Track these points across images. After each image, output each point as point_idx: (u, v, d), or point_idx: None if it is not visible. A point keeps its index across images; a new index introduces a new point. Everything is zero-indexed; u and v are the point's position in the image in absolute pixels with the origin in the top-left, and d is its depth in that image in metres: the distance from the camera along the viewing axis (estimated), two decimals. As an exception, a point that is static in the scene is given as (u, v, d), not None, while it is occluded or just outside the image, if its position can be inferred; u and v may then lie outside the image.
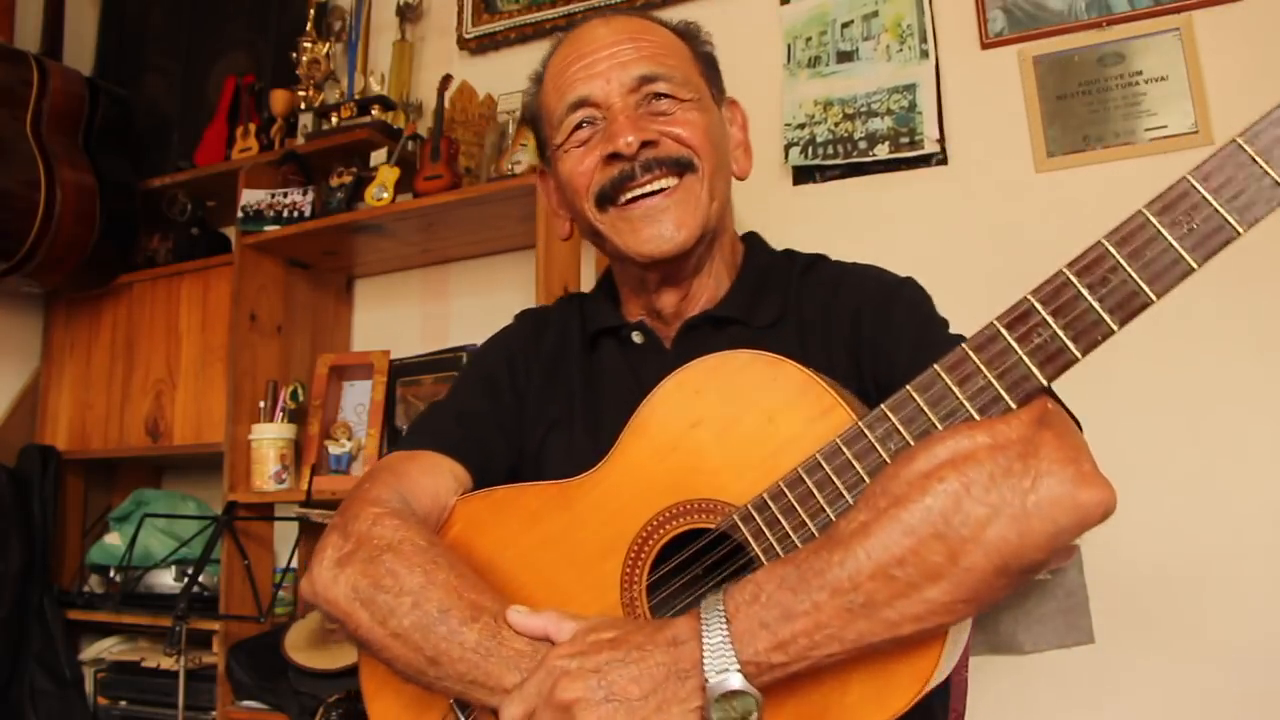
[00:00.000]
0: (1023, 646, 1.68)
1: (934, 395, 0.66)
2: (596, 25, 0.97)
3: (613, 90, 0.91)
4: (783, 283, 0.97)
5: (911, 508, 0.63)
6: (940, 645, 0.66)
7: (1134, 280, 0.61)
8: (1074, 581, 1.67)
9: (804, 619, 0.64)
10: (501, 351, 1.05)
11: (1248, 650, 1.57)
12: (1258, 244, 1.73)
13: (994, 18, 1.90)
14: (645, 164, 0.89)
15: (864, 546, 0.64)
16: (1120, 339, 1.94)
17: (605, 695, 0.66)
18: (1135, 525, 1.67)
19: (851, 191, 1.97)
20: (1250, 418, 1.63)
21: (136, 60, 2.66)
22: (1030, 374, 0.64)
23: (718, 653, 0.64)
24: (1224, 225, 0.58)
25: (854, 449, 0.69)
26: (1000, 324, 0.65)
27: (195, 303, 2.27)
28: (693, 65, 0.97)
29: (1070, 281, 0.63)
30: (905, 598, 0.63)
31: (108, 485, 2.51)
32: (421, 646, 0.76)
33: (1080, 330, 0.63)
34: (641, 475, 0.80)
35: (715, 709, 0.64)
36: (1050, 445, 0.64)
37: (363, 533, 0.84)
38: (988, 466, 0.63)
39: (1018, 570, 0.64)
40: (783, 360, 0.77)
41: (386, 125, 2.15)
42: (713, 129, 0.94)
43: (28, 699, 2.12)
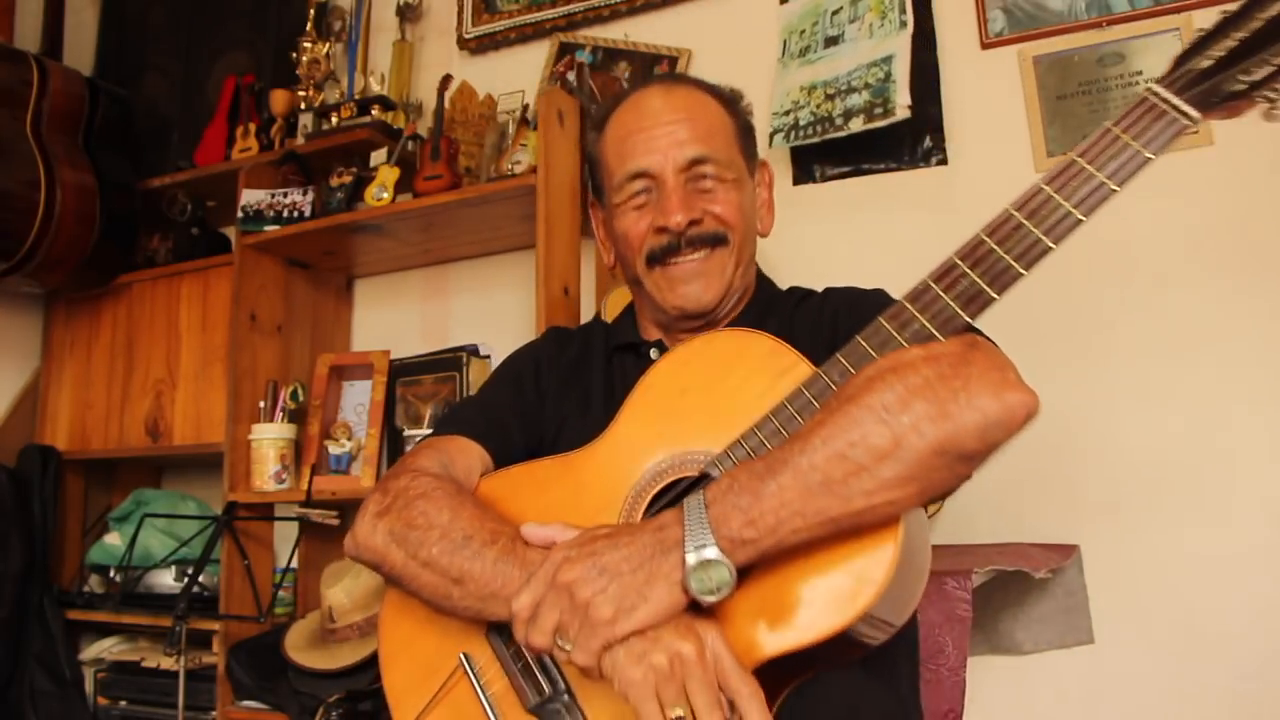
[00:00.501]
0: (1022, 646, 1.68)
1: (879, 339, 0.80)
2: (656, 95, 1.12)
3: (668, 167, 1.06)
4: (782, 311, 1.11)
5: (859, 401, 0.74)
6: (892, 550, 0.74)
7: (1034, 233, 0.76)
8: (1074, 581, 1.67)
9: (771, 498, 0.74)
10: (529, 355, 1.19)
11: (1247, 650, 1.57)
12: (1258, 244, 1.74)
13: (994, 18, 1.90)
14: (689, 239, 1.05)
15: (819, 435, 0.74)
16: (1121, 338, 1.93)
17: (599, 571, 0.76)
18: (1135, 525, 1.68)
19: (851, 191, 1.97)
20: (1250, 418, 1.63)
21: (136, 60, 2.66)
22: (956, 314, 0.78)
23: (696, 531, 0.74)
24: (1102, 185, 0.75)
25: (813, 389, 0.81)
26: (930, 279, 0.80)
27: (195, 303, 2.27)
28: (734, 142, 1.12)
29: (984, 240, 0.78)
30: (857, 475, 0.73)
31: (108, 485, 2.51)
32: (448, 569, 0.86)
33: (994, 276, 0.77)
34: (636, 439, 0.91)
35: (693, 576, 0.74)
36: (980, 358, 0.76)
37: (401, 488, 0.95)
38: (924, 370, 0.74)
39: (954, 454, 0.74)
40: (754, 331, 0.90)
41: (386, 125, 2.15)
42: (745, 204, 1.10)
43: (28, 699, 2.12)
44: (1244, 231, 1.68)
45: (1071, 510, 1.71)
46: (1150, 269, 1.73)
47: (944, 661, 1.31)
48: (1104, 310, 1.75)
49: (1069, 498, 1.72)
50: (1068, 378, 1.75)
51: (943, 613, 1.32)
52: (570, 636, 0.75)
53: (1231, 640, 1.58)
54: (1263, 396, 1.63)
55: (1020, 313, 1.79)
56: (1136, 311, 1.73)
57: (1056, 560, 1.55)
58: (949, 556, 1.54)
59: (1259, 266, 1.66)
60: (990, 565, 1.40)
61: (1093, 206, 0.75)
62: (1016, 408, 0.74)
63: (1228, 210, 1.69)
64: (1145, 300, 1.73)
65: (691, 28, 2.16)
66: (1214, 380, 1.66)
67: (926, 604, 1.32)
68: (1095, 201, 0.75)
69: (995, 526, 1.75)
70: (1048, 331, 1.77)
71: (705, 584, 0.74)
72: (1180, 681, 1.61)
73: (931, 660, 1.31)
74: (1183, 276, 1.71)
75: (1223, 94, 0.74)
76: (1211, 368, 1.67)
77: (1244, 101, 0.75)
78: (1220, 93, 0.74)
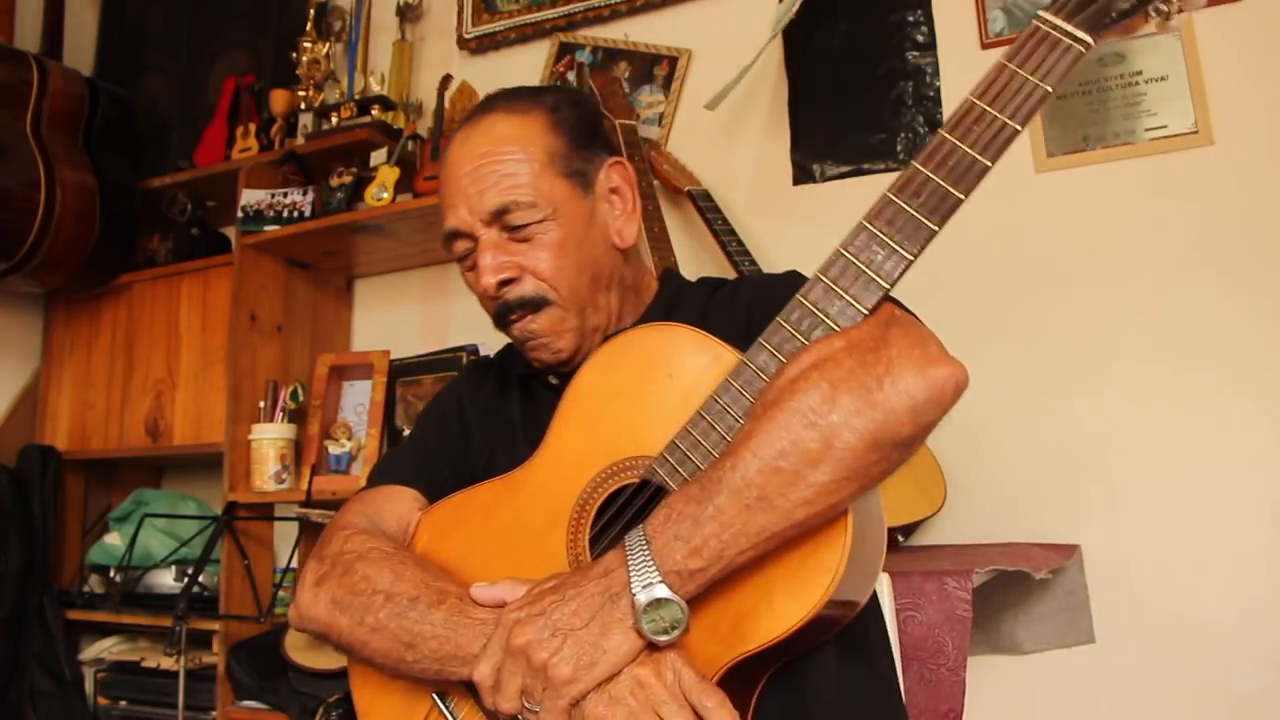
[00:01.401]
0: (1023, 646, 1.68)
1: (799, 318, 0.77)
2: (459, 138, 1.02)
3: (475, 223, 0.98)
4: (693, 305, 1.04)
5: (785, 406, 0.71)
6: (843, 542, 0.72)
7: (943, 186, 0.73)
8: (1074, 581, 1.67)
9: (711, 523, 0.71)
10: (451, 394, 1.16)
11: (1247, 650, 1.57)
12: (1258, 243, 1.73)
13: (994, 18, 1.90)
14: (509, 305, 0.98)
15: (749, 449, 0.71)
16: (1121, 338, 1.93)
17: (552, 631, 0.74)
18: (1135, 525, 1.68)
19: (851, 191, 1.97)
20: (1250, 417, 1.63)
21: (136, 60, 2.66)
22: (874, 280, 0.75)
23: (641, 570, 0.72)
24: (1005, 127, 0.72)
25: (740, 379, 0.78)
26: (842, 246, 0.77)
27: (195, 303, 2.27)
28: (545, 169, 0.98)
29: (893, 200, 0.75)
30: (794, 485, 0.70)
31: (108, 485, 2.51)
32: (397, 634, 0.84)
33: (908, 234, 0.74)
34: (572, 451, 0.90)
35: (644, 619, 0.71)
36: (898, 337, 0.72)
37: (335, 552, 0.93)
38: (846, 363, 0.71)
39: (889, 444, 0.71)
40: (673, 325, 0.88)
41: (386, 125, 2.15)
42: (567, 239, 0.99)
43: (28, 699, 2.12)
44: (1244, 231, 1.68)
45: (1072, 510, 1.71)
46: (1150, 269, 1.73)
47: (944, 661, 1.31)
48: (1104, 310, 1.75)
49: (1069, 498, 1.72)
50: (1068, 377, 1.75)
51: (943, 613, 1.32)
52: (537, 699, 0.74)
53: (1231, 640, 1.58)
54: (1263, 396, 1.63)
55: (1021, 313, 1.80)
56: (1136, 311, 1.73)
57: (1057, 560, 1.55)
58: (949, 556, 1.54)
59: (1259, 266, 1.66)
60: (991, 565, 1.39)
61: (998, 149, 0.72)
62: (944, 382, 0.70)
63: (1228, 210, 1.69)
64: (1145, 300, 1.72)
65: (691, 28, 2.16)
66: (1214, 380, 1.66)
67: (926, 604, 1.32)
68: (1000, 144, 0.72)
69: (996, 526, 1.75)
70: (1048, 331, 1.78)
71: (658, 624, 0.72)
72: (1180, 681, 1.61)
73: (931, 660, 1.31)
74: (1183, 276, 1.71)
75: (1113, 12, 0.71)
76: (1211, 368, 1.67)
77: (1137, 18, 0.72)
78: (1111, 11, 0.71)
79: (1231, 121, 1.71)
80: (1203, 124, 1.72)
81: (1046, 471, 1.74)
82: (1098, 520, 1.70)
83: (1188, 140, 1.73)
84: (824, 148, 2.01)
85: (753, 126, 2.08)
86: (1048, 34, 0.72)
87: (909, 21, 1.97)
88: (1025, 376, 1.77)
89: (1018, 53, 0.73)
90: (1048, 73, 0.72)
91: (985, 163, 0.72)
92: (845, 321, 0.75)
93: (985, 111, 0.73)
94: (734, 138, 2.09)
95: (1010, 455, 1.76)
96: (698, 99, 2.11)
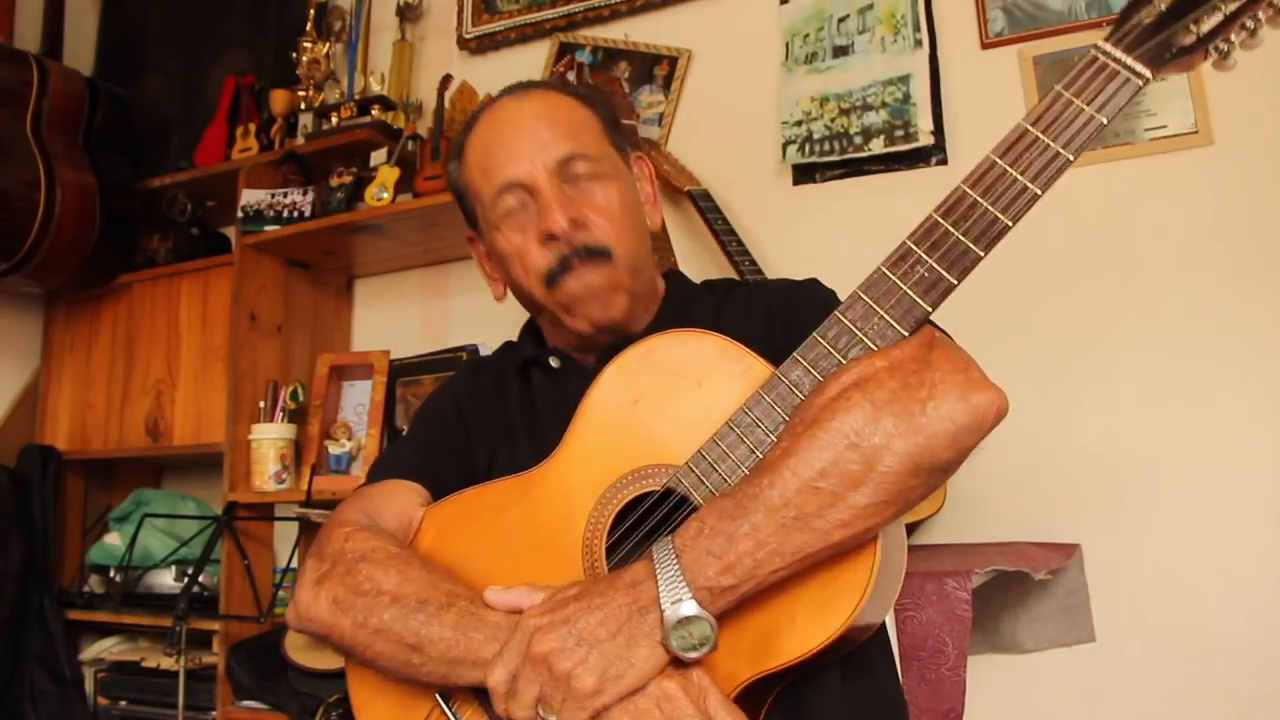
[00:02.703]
0: (1023, 645, 1.68)
1: (836, 335, 0.76)
2: (508, 105, 1.03)
3: (538, 172, 0.97)
4: (705, 309, 1.04)
5: (827, 426, 0.70)
6: (871, 566, 0.72)
7: (991, 212, 0.73)
8: (1075, 580, 1.67)
9: (745, 540, 0.70)
10: (448, 394, 1.13)
11: (1248, 650, 1.57)
12: (1258, 243, 1.73)
13: (994, 18, 1.90)
14: (576, 252, 0.96)
15: (789, 467, 0.70)
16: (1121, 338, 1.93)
17: (577, 640, 0.72)
18: (1135, 525, 1.68)
19: (851, 192, 1.97)
20: (1251, 417, 1.63)
21: (136, 60, 2.65)
22: (916, 303, 0.74)
23: (671, 585, 0.71)
24: (1057, 156, 0.72)
25: (773, 394, 0.77)
26: (885, 267, 0.76)
27: (195, 303, 2.27)
28: (603, 135, 1.02)
29: (939, 222, 0.74)
30: (832, 506, 0.69)
31: (108, 485, 2.51)
32: (403, 636, 0.81)
33: (953, 260, 0.73)
34: (591, 455, 0.88)
35: (673, 635, 0.70)
36: (941, 360, 0.72)
37: (336, 550, 0.90)
38: (889, 384, 0.70)
39: (929, 469, 0.70)
40: (702, 332, 0.86)
41: (386, 125, 2.15)
42: (627, 199, 1.01)
43: (28, 699, 2.12)
44: (1244, 231, 1.68)
45: (1072, 510, 1.71)
46: (1150, 269, 1.73)
47: (944, 661, 1.31)
48: (1104, 310, 1.75)
49: (1069, 498, 1.72)
50: (1068, 377, 1.75)
51: (943, 613, 1.32)
52: (555, 709, 0.72)
53: (1231, 640, 1.58)
54: (1263, 396, 1.63)
55: (1020, 312, 1.80)
56: (1136, 311, 1.73)
57: (1057, 560, 1.55)
58: (949, 556, 1.54)
59: (1259, 266, 1.66)
60: (991, 565, 1.40)
61: (1049, 178, 0.71)
62: (986, 409, 0.70)
63: (1228, 210, 1.69)
64: (1145, 300, 1.73)
65: (691, 28, 2.16)
66: (1214, 380, 1.66)
67: (926, 604, 1.32)
68: (1051, 173, 0.71)
69: (996, 526, 1.75)
70: (1048, 331, 1.78)
71: (687, 641, 0.70)
72: (1180, 681, 1.61)
73: (931, 660, 1.31)
74: (1183, 276, 1.71)
75: (1174, 48, 0.70)
76: (1212, 367, 1.67)
77: (1197, 54, 0.71)
78: (1171, 47, 0.70)
79: (1231, 121, 1.71)
80: (1203, 124, 1.72)
81: (1046, 471, 1.74)
82: (1098, 520, 1.70)
83: (1188, 140, 1.73)
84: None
85: (751, 126, 2.08)
86: (1106, 64, 0.72)
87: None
88: (1025, 376, 1.77)
89: (1075, 81, 0.72)
90: (1104, 105, 0.71)
91: (1036, 191, 0.72)
92: (883, 342, 0.74)
93: (1039, 139, 0.72)
94: (734, 138, 2.09)
95: (1010, 455, 1.76)
96: (698, 99, 2.11)
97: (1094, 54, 0.72)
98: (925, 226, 0.75)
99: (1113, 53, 0.72)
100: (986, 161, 0.74)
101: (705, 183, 1.99)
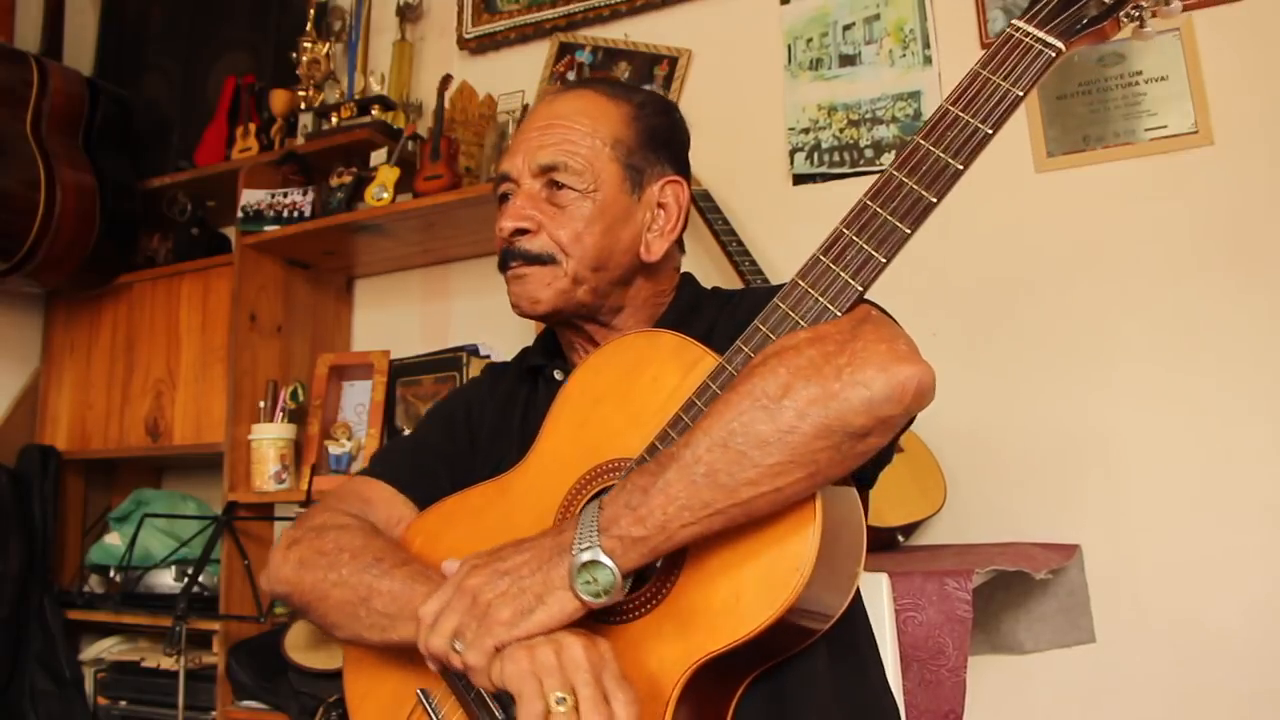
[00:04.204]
0: (1023, 645, 1.68)
1: (775, 320, 0.79)
2: (545, 99, 1.07)
3: (523, 171, 1.02)
4: (706, 317, 1.05)
5: (740, 390, 0.73)
6: (812, 539, 0.72)
7: (916, 190, 0.75)
8: (1075, 580, 1.67)
9: (658, 495, 0.73)
10: (461, 397, 1.16)
11: (1247, 650, 1.57)
12: (1258, 243, 1.73)
13: (994, 18, 1.90)
14: (514, 253, 1.01)
15: (703, 429, 0.74)
16: (1121, 338, 1.93)
17: (501, 574, 0.77)
18: (1135, 525, 1.68)
19: (851, 191, 1.94)
20: (1250, 416, 1.63)
21: (136, 60, 2.65)
22: (848, 283, 0.77)
23: (585, 533, 0.75)
24: (976, 131, 0.74)
25: (718, 381, 0.80)
26: (819, 252, 0.79)
27: (195, 303, 2.27)
28: (612, 150, 1.02)
29: (868, 205, 0.78)
30: (739, 464, 0.71)
31: (108, 485, 2.51)
32: (356, 587, 0.87)
33: (881, 239, 0.76)
34: (561, 454, 0.92)
35: (578, 578, 0.74)
36: (868, 332, 0.73)
37: (314, 523, 0.97)
38: (807, 352, 0.72)
39: (840, 433, 0.71)
40: (659, 330, 0.91)
41: (386, 125, 2.15)
42: (598, 224, 1.00)
43: (28, 699, 2.12)
44: (1243, 231, 1.68)
45: (1072, 510, 1.72)
46: (1150, 269, 1.73)
47: (944, 662, 1.31)
48: (1104, 309, 1.75)
49: (1069, 498, 1.72)
50: (1068, 377, 1.75)
51: (943, 613, 1.32)
52: (467, 639, 0.75)
53: (1231, 640, 1.58)
54: (1262, 395, 1.63)
55: (1020, 312, 1.80)
56: (1136, 311, 1.73)
57: (1058, 560, 1.55)
58: (949, 556, 1.54)
59: (1259, 266, 1.66)
60: (991, 565, 1.39)
61: (971, 152, 0.74)
62: (906, 380, 0.70)
63: (1227, 210, 1.69)
64: (1145, 300, 1.73)
65: (691, 28, 2.16)
66: (1214, 379, 1.66)
67: (927, 604, 1.32)
68: (973, 147, 0.74)
69: (996, 526, 1.75)
70: (1047, 330, 1.78)
71: (590, 587, 0.73)
72: (1180, 681, 1.61)
73: (932, 660, 1.31)
74: (1182, 276, 1.71)
75: (1083, 19, 0.73)
76: (1211, 367, 1.67)
77: (1108, 24, 0.74)
78: (1081, 18, 0.73)
79: (1231, 121, 1.71)
80: (1202, 124, 1.72)
81: (1046, 471, 1.74)
82: (1098, 520, 1.70)
83: (1187, 140, 1.73)
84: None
85: (753, 127, 2.08)
86: (1020, 40, 0.74)
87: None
88: (1025, 376, 1.77)
89: (991, 59, 0.75)
90: (1019, 78, 0.74)
91: (957, 166, 0.74)
92: (818, 322, 0.77)
93: (959, 117, 0.75)
94: (734, 138, 2.09)
95: (1010, 455, 1.76)
96: (698, 99, 2.11)
97: (1009, 32, 0.76)
98: (855, 210, 0.78)
99: (1026, 29, 0.75)
100: (912, 144, 0.77)
101: (705, 183, 1.99)
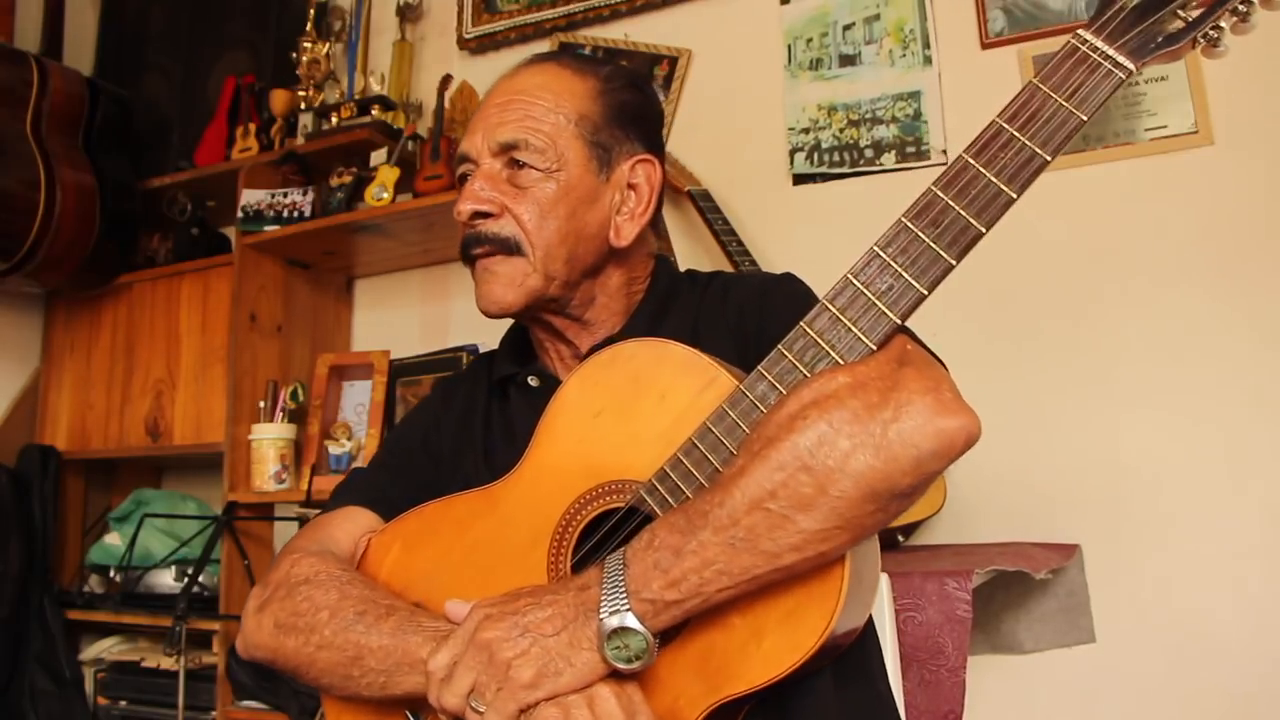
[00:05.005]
0: (1024, 645, 1.68)
1: (801, 348, 0.72)
2: (507, 75, 1.01)
3: (482, 150, 0.96)
4: (686, 304, 1.01)
5: (780, 446, 0.67)
6: (840, 583, 0.69)
7: (964, 217, 0.67)
8: (1075, 581, 1.67)
9: (692, 557, 0.68)
10: (417, 417, 1.11)
11: (1247, 650, 1.57)
12: (1257, 244, 1.73)
13: (994, 18, 1.90)
14: (479, 237, 0.94)
15: (739, 486, 0.68)
16: (1121, 339, 1.93)
17: (522, 632, 0.71)
18: (1135, 525, 1.68)
19: (852, 191, 1.97)
20: (1250, 417, 1.63)
21: (136, 60, 2.65)
22: (883, 314, 0.69)
23: (612, 595, 0.70)
24: (1034, 156, 0.67)
25: (738, 409, 0.74)
26: (851, 274, 0.71)
27: (195, 303, 2.27)
28: (577, 127, 0.96)
29: (909, 227, 0.69)
30: (781, 529, 0.67)
31: (108, 485, 2.51)
32: (344, 648, 0.81)
33: (923, 268, 0.68)
34: (556, 468, 0.86)
35: (608, 645, 0.69)
36: (910, 378, 0.67)
37: (280, 578, 0.90)
38: (850, 403, 0.66)
39: (887, 495, 0.66)
40: (666, 342, 0.83)
41: (386, 125, 2.15)
42: (562, 206, 0.95)
43: (28, 699, 2.12)
44: (1244, 231, 1.68)
45: (1072, 510, 1.71)
46: (1150, 269, 1.73)
47: (944, 662, 1.31)
48: (1103, 309, 1.75)
49: (1069, 498, 1.72)
50: (1067, 377, 1.75)
51: (943, 613, 1.32)
52: (487, 700, 0.71)
53: (1231, 640, 1.58)
54: (1262, 396, 1.63)
55: (1020, 313, 1.80)
56: (1136, 312, 1.73)
57: (1058, 560, 1.55)
58: (949, 556, 1.53)
59: (1259, 266, 1.66)
60: (991, 566, 1.39)
61: (1025, 181, 0.66)
62: (955, 434, 0.65)
63: (1227, 210, 1.69)
64: (1145, 300, 1.73)
65: (691, 28, 2.16)
66: (1214, 380, 1.66)
67: (926, 604, 1.32)
68: (1027, 175, 0.66)
69: (996, 526, 1.75)
70: (1048, 331, 1.77)
71: (622, 653, 0.69)
72: (1180, 681, 1.61)
73: (932, 660, 1.31)
74: (1183, 276, 1.71)
75: (1160, 36, 0.64)
76: (1211, 367, 1.67)
77: (1184, 43, 0.65)
78: (1157, 35, 0.64)
79: (1231, 121, 1.71)
80: (1203, 124, 1.72)
81: (1046, 472, 1.74)
82: (1098, 520, 1.70)
83: (1188, 140, 1.73)
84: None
85: (753, 126, 2.08)
86: (1087, 56, 0.66)
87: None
88: (1025, 376, 1.77)
89: (1053, 74, 0.67)
90: (1084, 100, 0.66)
91: (1010, 194, 0.66)
92: (852, 355, 0.70)
93: (1014, 137, 0.67)
94: (734, 137, 2.09)
95: (1010, 455, 1.76)
96: (698, 99, 2.11)
97: (1073, 44, 0.67)
98: (894, 230, 0.70)
99: (1093, 42, 0.66)
100: (959, 162, 0.69)
101: (705, 182, 1.99)
